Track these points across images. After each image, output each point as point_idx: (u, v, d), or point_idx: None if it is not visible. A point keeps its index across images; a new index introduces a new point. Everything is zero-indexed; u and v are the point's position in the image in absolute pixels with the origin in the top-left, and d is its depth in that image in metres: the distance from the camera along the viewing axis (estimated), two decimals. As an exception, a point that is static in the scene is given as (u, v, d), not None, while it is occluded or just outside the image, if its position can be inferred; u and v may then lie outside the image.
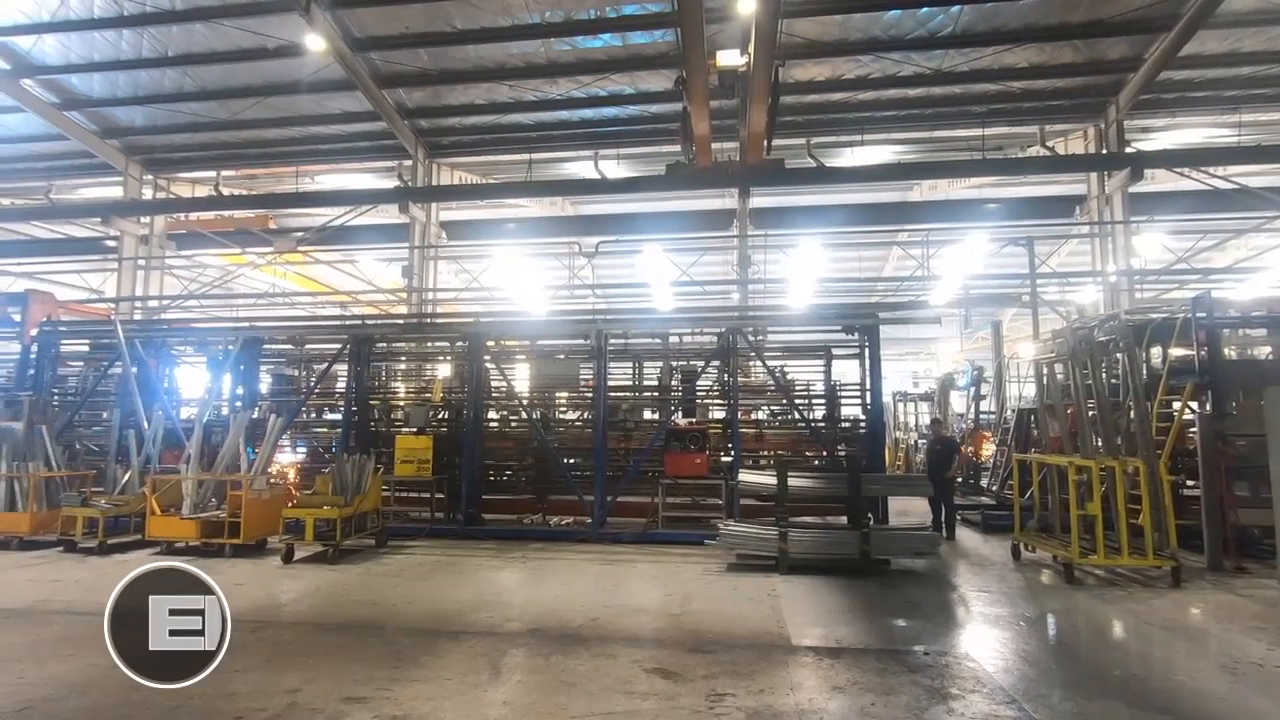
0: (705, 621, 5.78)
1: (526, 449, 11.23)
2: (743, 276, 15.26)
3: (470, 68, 13.50)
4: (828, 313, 12.53)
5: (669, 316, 13.76)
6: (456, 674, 4.51)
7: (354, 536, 8.51)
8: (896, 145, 15.62)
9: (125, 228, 17.32)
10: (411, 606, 6.28)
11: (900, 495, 10.27)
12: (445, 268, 18.92)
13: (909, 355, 30.00)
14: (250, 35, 12.61)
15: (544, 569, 7.91)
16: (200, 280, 18.78)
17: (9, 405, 9.90)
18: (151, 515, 8.67)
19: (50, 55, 13.71)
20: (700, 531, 9.26)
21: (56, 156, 17.09)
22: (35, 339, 11.67)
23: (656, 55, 12.96)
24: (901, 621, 6.00)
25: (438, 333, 13.01)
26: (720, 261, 18.76)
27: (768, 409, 13.44)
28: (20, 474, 9.15)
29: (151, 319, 16.16)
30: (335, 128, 15.55)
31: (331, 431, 12.25)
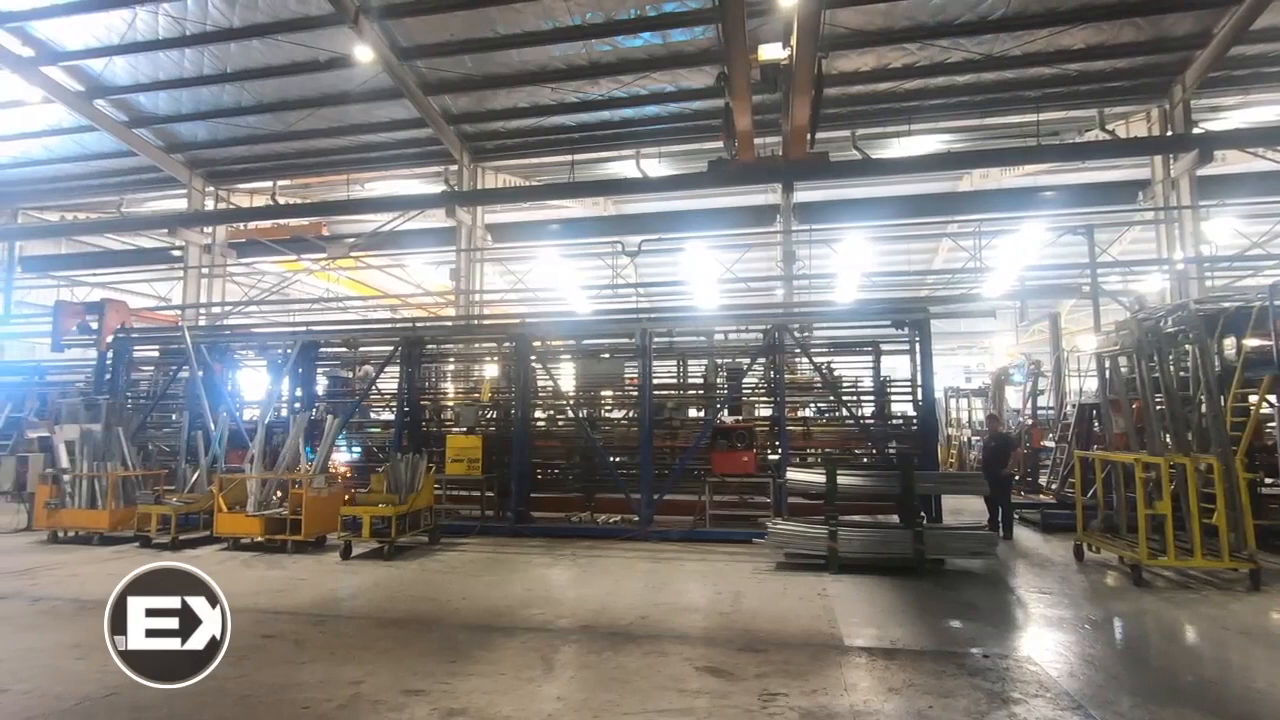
0: (756, 620, 5.74)
1: (573, 448, 11.33)
2: (787, 272, 15.08)
3: (513, 72, 13.69)
4: (876, 307, 12.28)
5: (713, 314, 13.68)
6: (511, 669, 4.59)
7: (408, 534, 8.74)
8: (945, 134, 15.21)
9: (190, 238, 18.14)
10: (465, 602, 6.41)
11: (954, 494, 10.00)
12: (491, 269, 19.24)
13: (961, 350, 29.20)
14: (303, 49, 13.06)
15: (593, 566, 7.97)
16: (259, 286, 19.54)
17: (88, 408, 10.48)
18: (219, 513, 9.08)
19: (120, 76, 14.45)
20: (748, 530, 9.22)
21: (126, 172, 18.02)
22: (111, 345, 12.31)
23: (697, 52, 12.92)
24: (958, 623, 5.85)
25: (485, 334, 13.24)
26: (764, 258, 18.59)
27: (815, 406, 13.24)
28: (100, 473, 9.68)
29: (215, 324, 16.90)
30: (384, 135, 15.97)
31: (385, 431, 12.59)
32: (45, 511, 9.66)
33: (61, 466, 9.83)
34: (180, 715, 3.89)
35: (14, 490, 12.20)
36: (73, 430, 10.00)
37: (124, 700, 4.06)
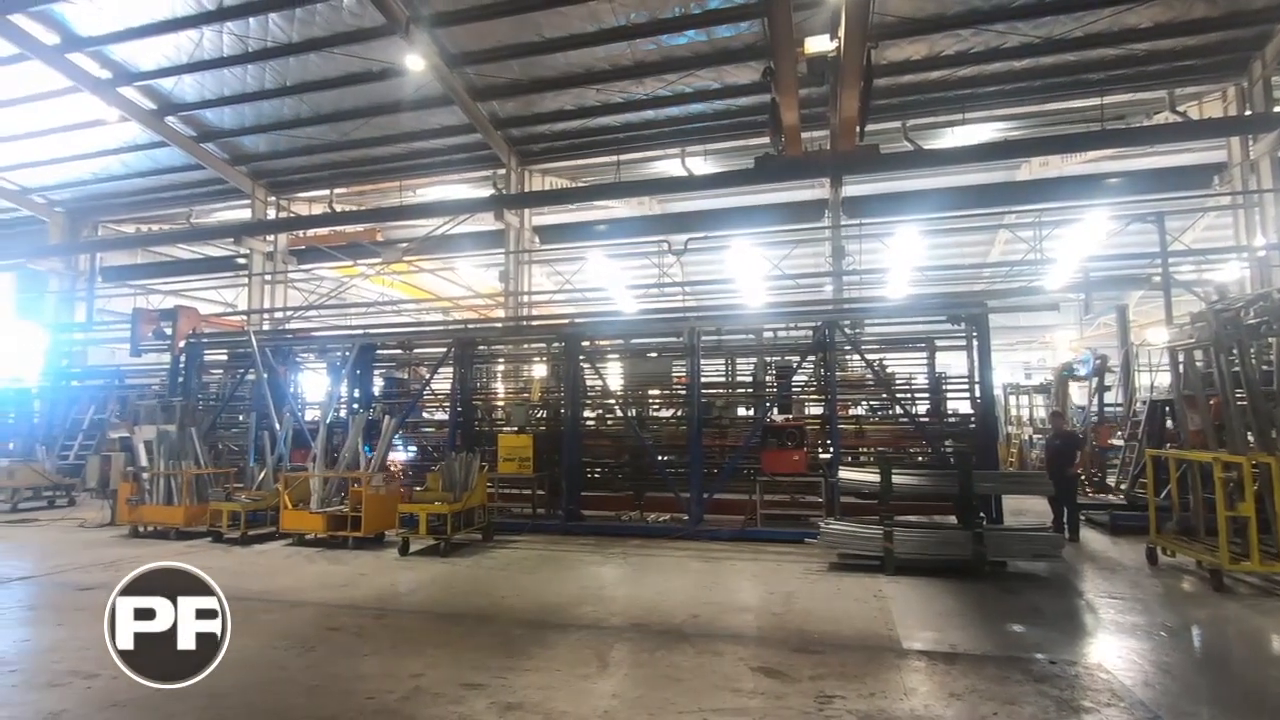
0: (810, 621, 5.67)
1: (622, 446, 11.39)
2: (837, 268, 14.82)
3: (559, 75, 13.83)
4: (930, 302, 11.95)
5: (762, 312, 13.57)
6: (565, 665, 4.65)
7: (463, 531, 8.93)
8: (1001, 122, 14.70)
9: (254, 246, 18.93)
10: (520, 598, 6.52)
11: (1016, 494, 9.67)
12: (538, 271, 19.49)
13: (1020, 345, 28.17)
14: (357, 61, 13.48)
15: (644, 565, 8.00)
16: (318, 291, 20.26)
17: (164, 410, 11.03)
18: (284, 510, 9.45)
19: (188, 93, 15.19)
20: (800, 530, 9.10)
21: (195, 184, 18.92)
22: (183, 350, 12.97)
23: (742, 48, 12.81)
24: (1021, 627, 5.66)
25: (535, 334, 13.42)
26: (813, 254, 18.32)
27: (867, 404, 12.99)
28: (175, 472, 10.20)
29: (278, 329, 17.59)
30: (434, 142, 16.35)
31: (439, 431, 12.89)
32: (127, 507, 10.25)
33: (141, 465, 10.39)
34: (255, 703, 4.07)
35: (99, 487, 12.96)
36: (150, 431, 10.56)
37: (200, 688, 4.24)
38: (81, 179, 19.08)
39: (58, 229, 20.46)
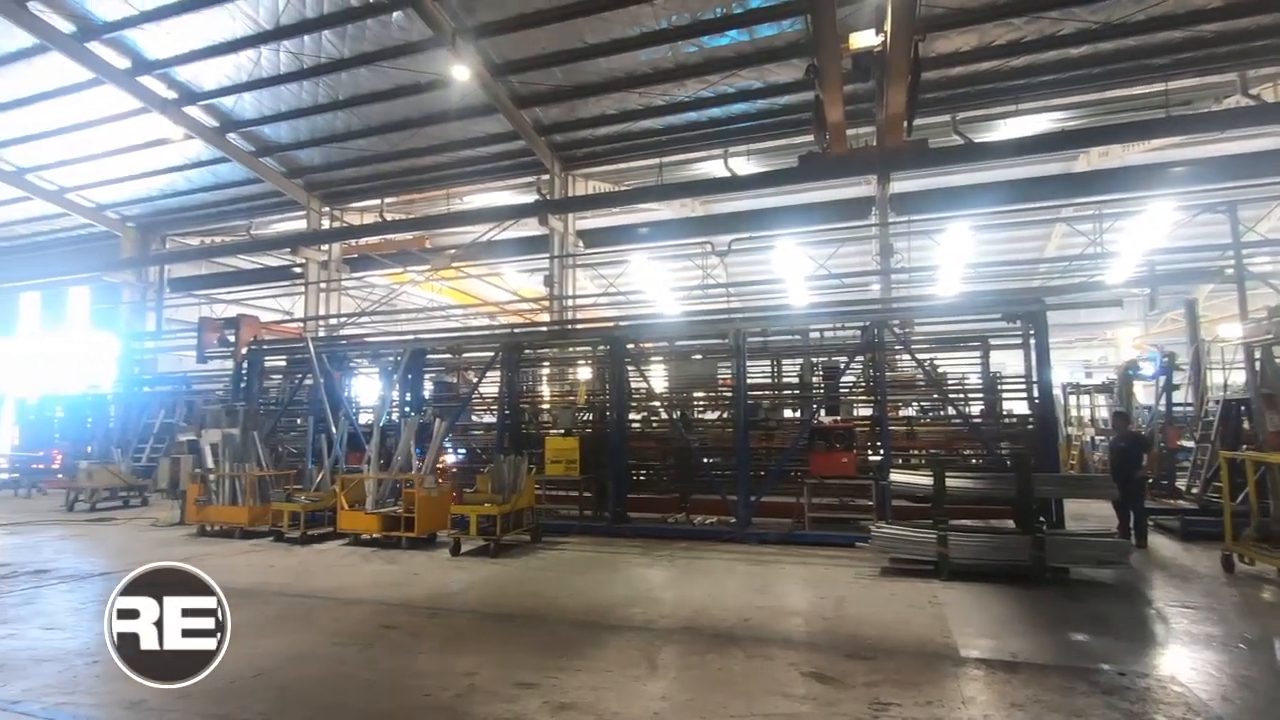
0: (862, 626, 5.57)
1: (668, 449, 11.39)
2: (885, 266, 14.51)
3: (601, 79, 13.93)
4: (984, 300, 11.59)
5: (808, 312, 13.40)
6: (616, 666, 4.67)
7: (512, 532, 9.06)
8: (1058, 112, 14.14)
9: (309, 255, 19.60)
10: (569, 599, 6.58)
11: (1078, 498, 9.34)
12: (582, 274, 19.64)
13: (1080, 342, 27.09)
14: (406, 73, 13.84)
15: (691, 568, 7.98)
16: (370, 298, 20.85)
17: (228, 414, 11.52)
18: (341, 510, 9.75)
19: (248, 110, 15.84)
20: (850, 533, 8.94)
21: (254, 197, 19.70)
22: (245, 356, 13.52)
23: (785, 46, 12.68)
24: (1086, 636, 5.44)
25: (580, 338, 13.53)
26: (859, 252, 17.99)
27: (918, 405, 12.69)
28: (239, 473, 10.63)
29: (333, 335, 18.16)
30: (479, 150, 16.64)
31: (487, 434, 13.12)
32: (195, 507, 10.73)
33: (207, 467, 10.87)
34: (317, 697, 4.21)
35: (169, 488, 13.63)
36: (215, 434, 11.04)
37: (268, 681, 4.44)
38: (150, 195, 20.10)
39: (129, 243, 21.58)
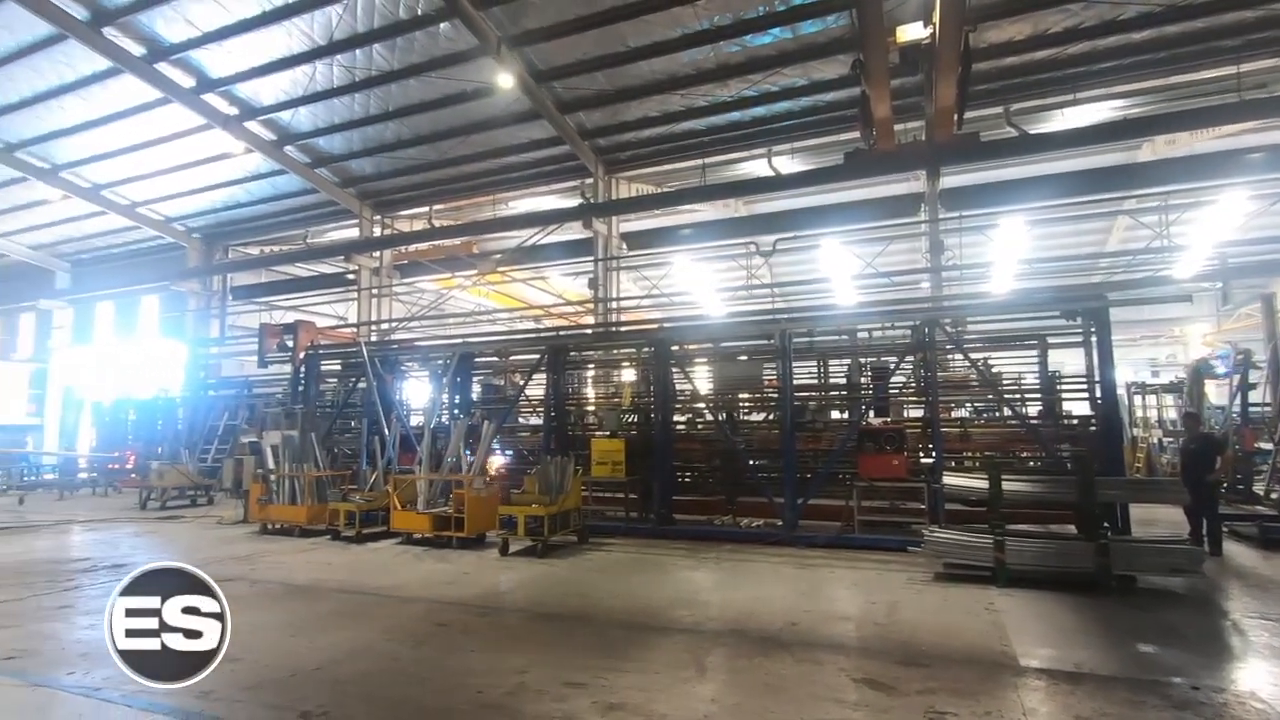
0: (916, 633, 5.43)
1: (714, 450, 11.34)
2: (935, 264, 14.16)
3: (644, 82, 13.98)
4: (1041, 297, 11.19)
5: (856, 311, 13.17)
6: (664, 668, 4.68)
7: (559, 533, 9.16)
8: (1119, 100, 13.57)
9: (361, 262, 20.21)
10: (616, 600, 6.61)
11: (1145, 502, 8.92)
12: (626, 277, 19.72)
13: (1146, 340, 25.85)
14: (453, 83, 14.17)
15: (738, 570, 7.93)
16: (419, 303, 21.37)
17: (287, 416, 11.95)
18: (394, 510, 10.02)
19: (304, 123, 16.44)
20: (901, 537, 8.76)
21: (310, 207, 20.43)
22: (303, 361, 14.01)
23: (829, 42, 12.50)
24: (1155, 648, 5.19)
25: (625, 340, 13.59)
26: (908, 250, 17.61)
27: (971, 406, 12.33)
28: (297, 474, 11.02)
29: (384, 339, 18.67)
30: (524, 155, 16.90)
31: (534, 435, 13.28)
32: (257, 506, 11.19)
33: (268, 468, 11.30)
34: (374, 692, 4.33)
35: (233, 487, 14.20)
36: (275, 436, 11.47)
37: (327, 675, 4.59)
38: (214, 207, 21.04)
39: (195, 253, 22.64)
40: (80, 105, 16.23)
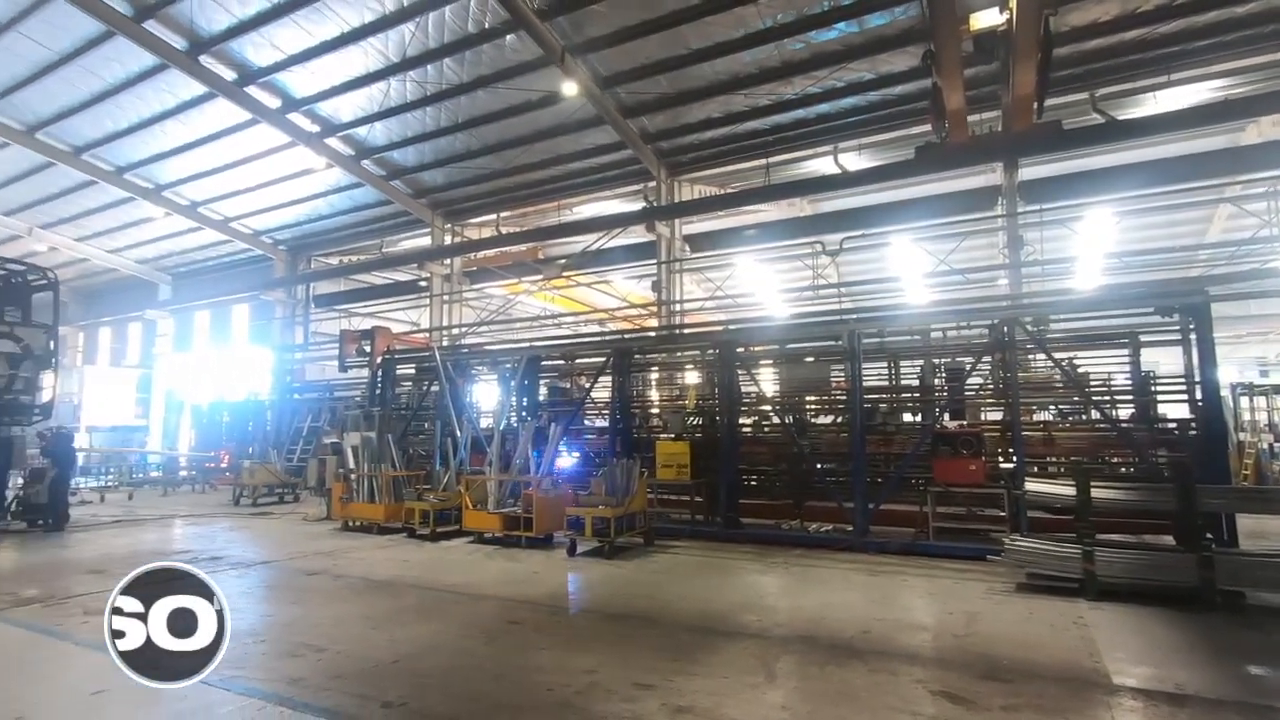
0: (996, 646, 5.21)
1: (780, 453, 11.18)
2: (1014, 260, 13.54)
3: (706, 84, 13.95)
4: (1133, 292, 10.54)
5: (928, 311, 12.74)
6: (733, 673, 4.64)
7: (625, 534, 9.22)
8: (1219, 79, 12.61)
9: (433, 269, 20.94)
10: (683, 603, 6.60)
11: (1253, 513, 8.23)
12: (689, 279, 19.69)
13: (1252, 337, 23.89)
14: (519, 93, 14.51)
15: (806, 576, 7.79)
16: (488, 308, 21.95)
17: (366, 418, 12.48)
18: (465, 510, 10.32)
19: (379, 138, 17.18)
20: (979, 545, 8.41)
21: (385, 218, 21.33)
22: (380, 365, 14.62)
23: (898, 34, 12.16)
24: (1269, 670, 4.81)
25: (689, 342, 13.57)
26: (985, 245, 16.88)
27: (1056, 408, 11.71)
28: (376, 473, 11.50)
29: (455, 344, 19.27)
30: (588, 161, 17.13)
31: (599, 438, 13.42)
32: (339, 504, 11.73)
33: (349, 468, 11.83)
34: (451, 686, 4.47)
35: (317, 486, 14.98)
36: (355, 437, 12.00)
37: (405, 668, 4.77)
38: (298, 220, 22.25)
39: (281, 264, 23.98)
40: (180, 129, 17.48)
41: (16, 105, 17.21)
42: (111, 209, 22.40)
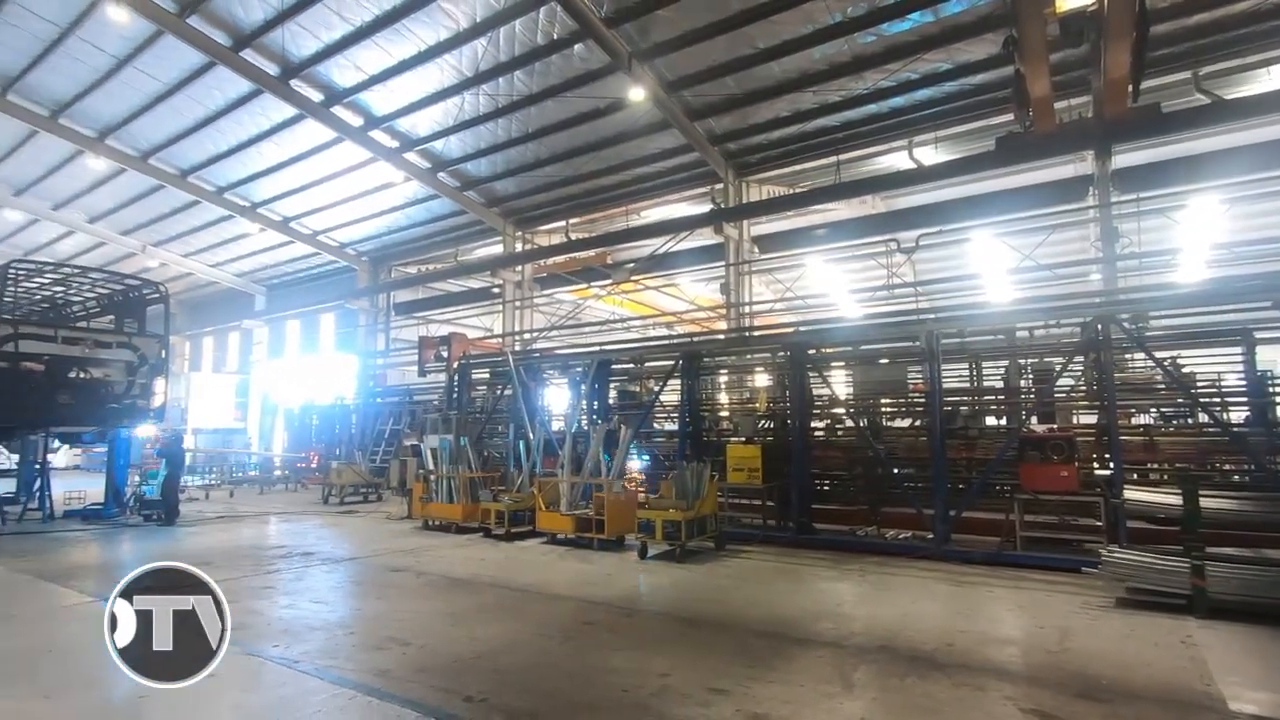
0: (1093, 664, 4.91)
1: (855, 458, 10.90)
2: (1108, 253, 12.72)
3: (774, 83, 13.79)
4: (1246, 285, 9.66)
5: (1014, 309, 12.14)
6: (808, 681, 4.56)
7: (696, 538, 9.19)
8: (1344, 50, 11.52)
9: (505, 276, 21.52)
10: (755, 609, 6.53)
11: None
12: (758, 281, 19.48)
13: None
14: (586, 100, 14.75)
15: (883, 584, 7.56)
16: (558, 313, 22.37)
17: (444, 422, 12.94)
18: (539, 511, 10.53)
19: (454, 150, 17.82)
20: (1073, 557, 7.95)
21: (460, 227, 22.09)
22: (456, 370, 15.13)
23: (976, 20, 11.68)
24: None
25: (759, 345, 13.42)
26: (1075, 239, 15.96)
27: (1158, 411, 10.94)
28: (453, 474, 11.89)
29: (527, 349, 19.72)
30: (655, 165, 17.23)
31: (669, 441, 13.45)
32: (419, 504, 12.20)
33: (429, 469, 12.29)
34: (529, 683, 4.58)
35: (399, 486, 15.62)
36: (434, 439, 12.45)
37: (487, 664, 4.92)
38: (379, 232, 23.34)
39: (364, 274, 25.20)
40: (273, 149, 18.65)
41: (133, 134, 18.79)
42: (213, 226, 24.15)
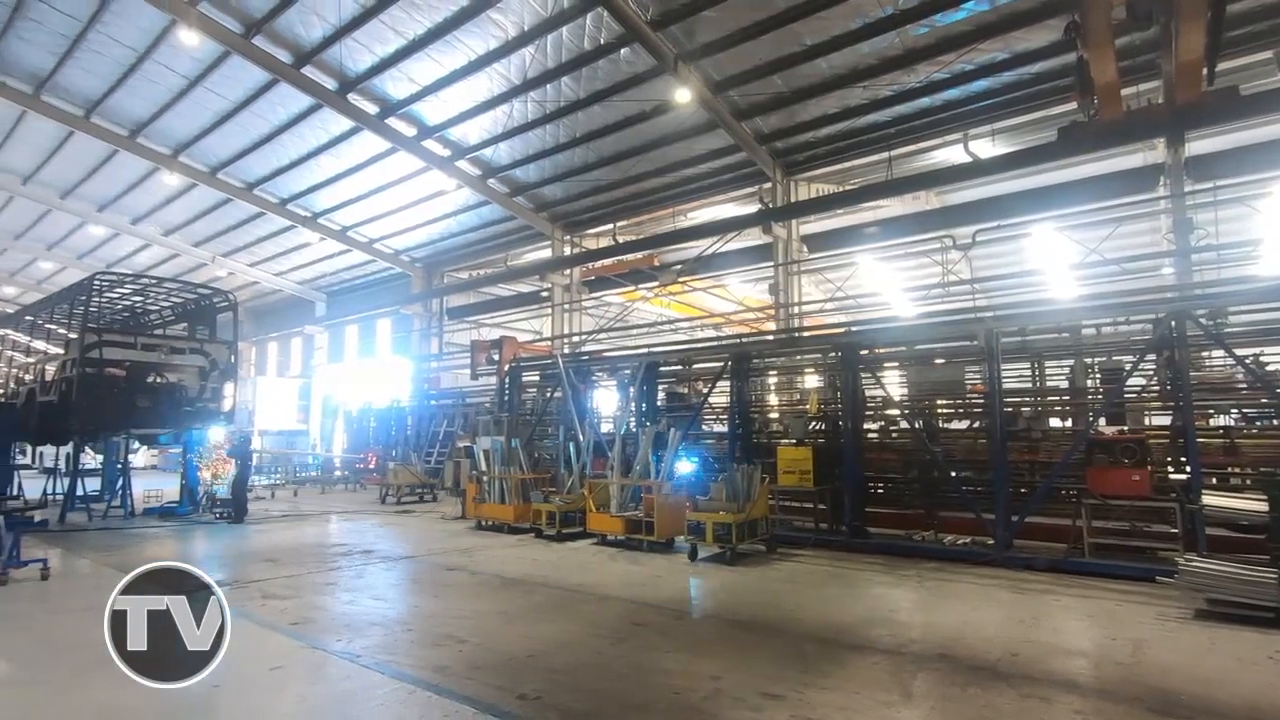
0: (1170, 678, 4.66)
1: (910, 461, 10.62)
2: (1182, 246, 12.09)
3: (822, 80, 13.58)
4: (1335, 277, 9.09)
5: (1079, 305, 11.66)
6: (864, 688, 4.47)
7: (747, 541, 9.11)
8: None
9: (554, 280, 21.79)
10: (807, 613, 6.44)
11: None
12: (807, 280, 19.19)
13: None
14: (633, 104, 14.82)
15: (941, 590, 7.35)
16: (606, 316, 22.52)
17: (495, 424, 13.20)
18: (589, 512, 10.62)
19: (503, 157, 18.14)
20: (1145, 565, 7.56)
21: (509, 232, 22.47)
22: (508, 373, 15.39)
23: (1035, 7, 11.25)
24: None
25: (810, 345, 13.23)
26: (1145, 231, 15.23)
27: (1239, 412, 10.32)
28: (505, 476, 12.10)
29: (576, 351, 19.92)
30: (701, 166, 17.17)
31: (719, 443, 13.37)
32: (473, 504, 12.45)
33: (482, 470, 12.53)
34: (581, 683, 4.62)
35: (453, 486, 15.98)
36: (487, 441, 12.70)
37: (540, 663, 4.98)
38: (432, 239, 23.95)
39: (418, 280, 25.87)
40: (331, 161, 19.34)
41: (203, 150, 19.78)
42: (276, 237, 25.20)
